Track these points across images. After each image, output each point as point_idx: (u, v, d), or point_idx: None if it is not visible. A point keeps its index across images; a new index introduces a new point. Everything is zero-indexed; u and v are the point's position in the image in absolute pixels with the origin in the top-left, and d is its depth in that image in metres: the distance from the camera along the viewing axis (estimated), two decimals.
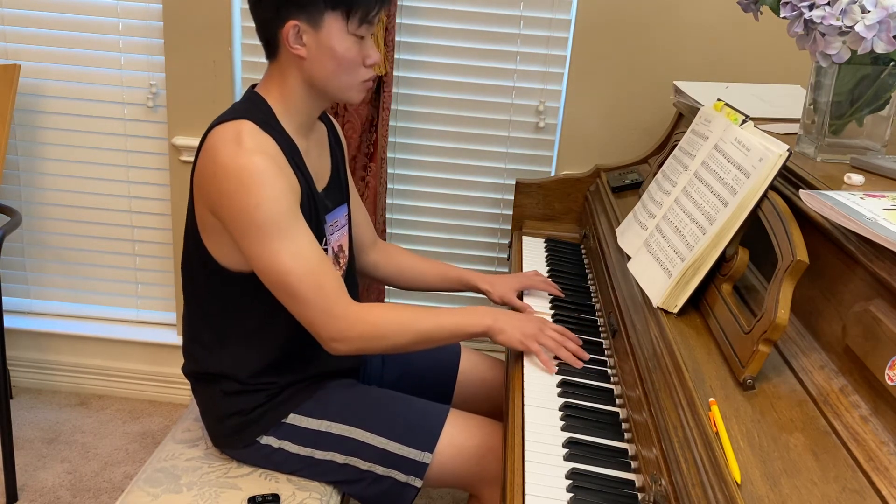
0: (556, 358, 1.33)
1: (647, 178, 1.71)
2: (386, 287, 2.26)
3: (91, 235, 2.39)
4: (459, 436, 1.38)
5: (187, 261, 1.39)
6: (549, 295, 1.59)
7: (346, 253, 1.50)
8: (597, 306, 1.54)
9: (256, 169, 1.20)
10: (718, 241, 1.17)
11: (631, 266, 1.38)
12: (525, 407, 1.21)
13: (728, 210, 1.16)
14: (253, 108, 1.30)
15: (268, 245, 1.22)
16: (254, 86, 1.36)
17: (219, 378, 1.39)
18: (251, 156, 1.21)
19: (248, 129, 1.24)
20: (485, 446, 1.37)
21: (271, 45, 1.31)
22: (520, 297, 1.59)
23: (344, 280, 1.49)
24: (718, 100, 1.40)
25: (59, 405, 2.43)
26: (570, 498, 1.01)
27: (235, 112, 1.29)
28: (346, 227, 1.50)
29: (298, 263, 1.23)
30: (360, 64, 1.30)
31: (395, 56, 2.06)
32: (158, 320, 2.47)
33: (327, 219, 1.40)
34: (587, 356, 1.34)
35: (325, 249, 1.39)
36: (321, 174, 1.43)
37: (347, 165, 1.56)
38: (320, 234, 1.37)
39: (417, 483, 1.36)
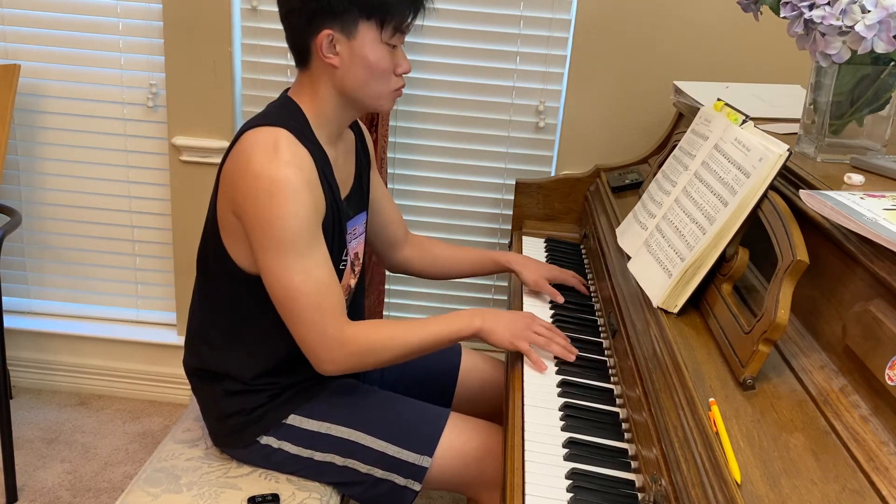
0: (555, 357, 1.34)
1: (647, 178, 1.71)
2: (386, 287, 2.26)
3: (91, 235, 2.39)
4: (459, 439, 1.37)
5: (203, 258, 1.39)
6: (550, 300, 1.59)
7: (361, 260, 1.50)
8: (597, 306, 1.54)
9: (287, 182, 1.20)
10: (718, 241, 1.17)
11: (631, 266, 1.38)
12: (525, 407, 1.21)
13: (728, 210, 1.16)
14: (289, 115, 1.30)
15: (281, 259, 1.22)
16: (287, 90, 1.36)
17: (222, 377, 1.39)
18: (285, 168, 1.21)
19: (285, 139, 1.24)
20: (484, 450, 1.37)
21: (303, 54, 1.30)
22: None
23: (355, 286, 1.50)
24: (718, 100, 1.40)
25: (59, 405, 2.43)
26: (570, 498, 1.01)
27: (272, 118, 1.28)
28: (364, 235, 1.50)
29: (306, 283, 1.23)
30: (391, 73, 1.30)
31: None
32: (158, 320, 2.47)
33: (347, 226, 1.41)
34: (576, 351, 1.34)
35: (346, 259, 1.40)
36: (345, 182, 1.43)
37: (374, 168, 1.56)
38: (342, 243, 1.37)
39: (416, 486, 1.36)
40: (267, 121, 1.27)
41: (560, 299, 1.55)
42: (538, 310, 1.53)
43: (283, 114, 1.30)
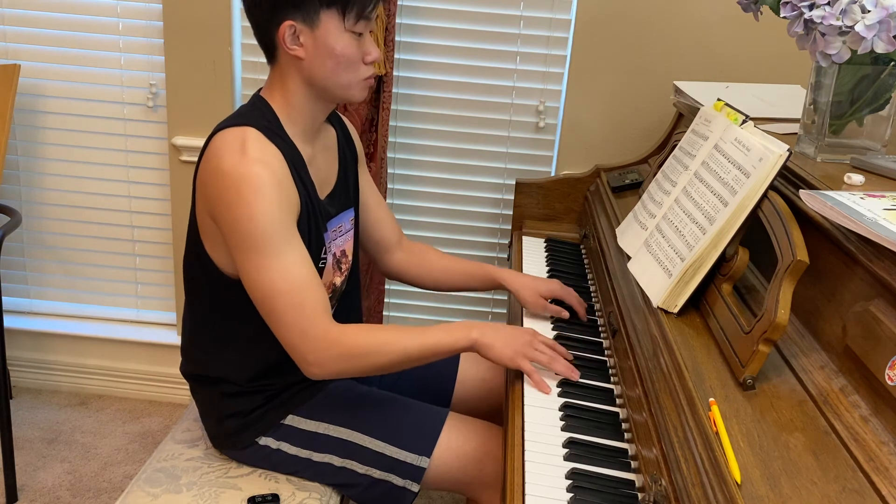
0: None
1: (647, 178, 1.71)
2: (385, 287, 2.26)
3: (91, 235, 2.39)
4: (457, 440, 1.37)
5: (188, 264, 1.38)
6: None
7: (350, 258, 1.48)
8: (597, 306, 1.54)
9: (256, 180, 1.19)
10: (718, 241, 1.17)
11: (631, 266, 1.38)
12: (525, 407, 1.21)
13: (728, 210, 1.16)
14: (258, 113, 1.28)
15: (256, 258, 1.21)
16: (260, 90, 1.35)
17: (218, 380, 1.39)
18: (253, 166, 1.19)
19: (252, 137, 1.23)
20: (482, 450, 1.36)
21: (270, 49, 1.29)
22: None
23: (345, 284, 1.48)
24: (718, 100, 1.40)
25: (59, 405, 2.43)
26: (570, 498, 1.01)
27: (241, 117, 1.27)
28: (352, 231, 1.48)
29: (283, 280, 1.21)
30: (359, 61, 1.28)
31: (395, 56, 2.06)
32: (158, 320, 2.47)
33: (329, 225, 1.39)
34: (578, 373, 1.29)
35: (325, 257, 1.39)
36: (326, 180, 1.41)
37: (363, 165, 1.54)
38: (320, 243, 1.36)
39: (415, 487, 1.36)
40: (236, 121, 1.26)
41: (565, 315, 1.49)
42: (539, 319, 1.52)
43: (252, 113, 1.29)
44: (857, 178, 1.14)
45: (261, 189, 1.19)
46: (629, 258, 1.42)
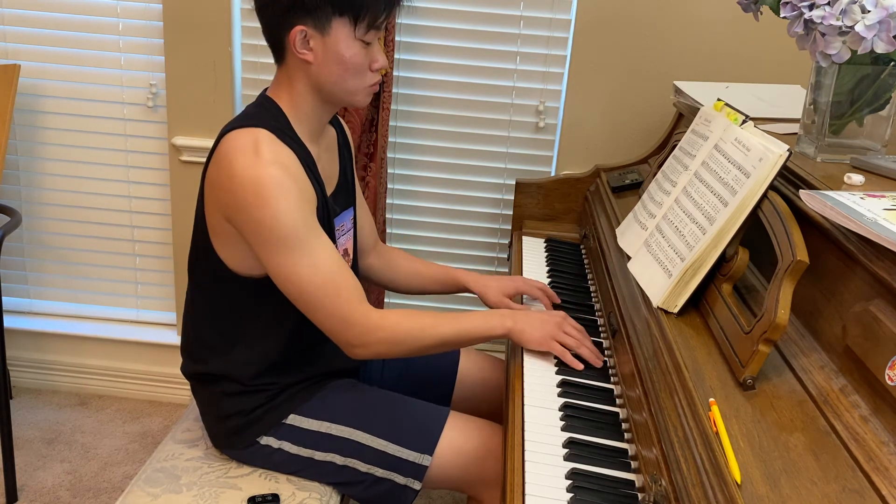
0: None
1: (647, 178, 1.71)
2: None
3: (91, 235, 2.39)
4: (459, 438, 1.37)
5: (195, 263, 1.38)
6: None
7: (351, 256, 1.50)
8: (597, 306, 1.54)
9: (273, 181, 1.20)
10: (718, 241, 1.17)
11: (631, 266, 1.38)
12: (525, 407, 1.21)
13: (728, 210, 1.16)
14: (267, 114, 1.29)
15: (285, 256, 1.22)
16: (265, 89, 1.35)
17: (220, 379, 1.39)
18: (268, 167, 1.20)
19: (265, 139, 1.24)
20: (484, 448, 1.37)
21: (278, 50, 1.30)
22: (519, 300, 1.58)
23: None
24: (718, 100, 1.40)
25: (59, 405, 2.43)
26: (570, 498, 1.01)
27: (250, 118, 1.28)
28: (352, 230, 1.50)
29: (316, 274, 1.23)
30: (366, 69, 1.30)
31: (395, 56, 2.06)
32: (158, 320, 2.47)
33: (335, 223, 1.41)
34: (602, 357, 1.33)
35: None
36: (330, 179, 1.43)
37: (354, 168, 1.56)
38: (331, 240, 1.37)
39: (417, 485, 1.36)
40: (246, 122, 1.27)
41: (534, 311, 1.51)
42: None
43: (262, 113, 1.30)
44: (857, 178, 1.14)
45: (279, 189, 1.20)
46: (629, 258, 1.42)
